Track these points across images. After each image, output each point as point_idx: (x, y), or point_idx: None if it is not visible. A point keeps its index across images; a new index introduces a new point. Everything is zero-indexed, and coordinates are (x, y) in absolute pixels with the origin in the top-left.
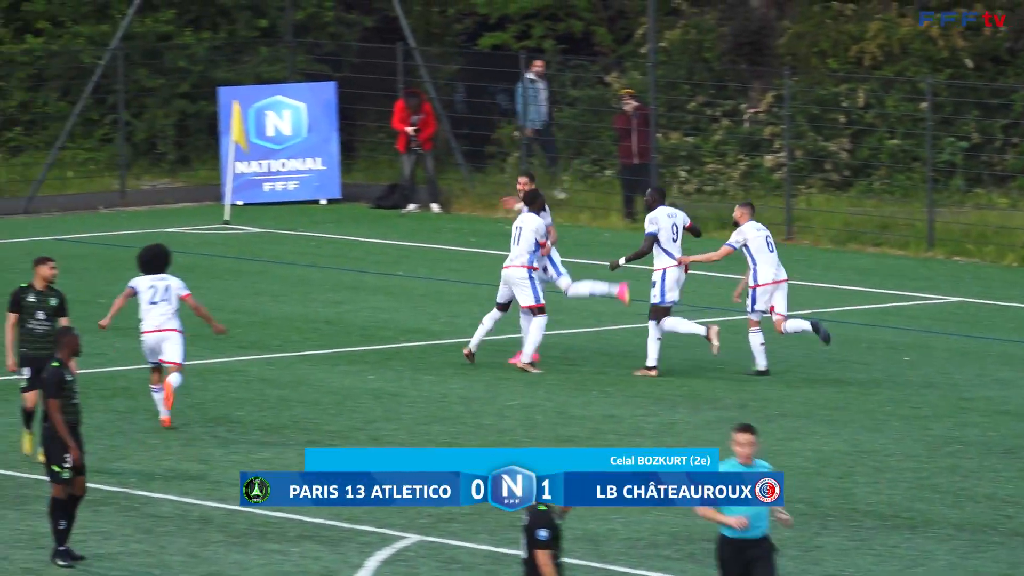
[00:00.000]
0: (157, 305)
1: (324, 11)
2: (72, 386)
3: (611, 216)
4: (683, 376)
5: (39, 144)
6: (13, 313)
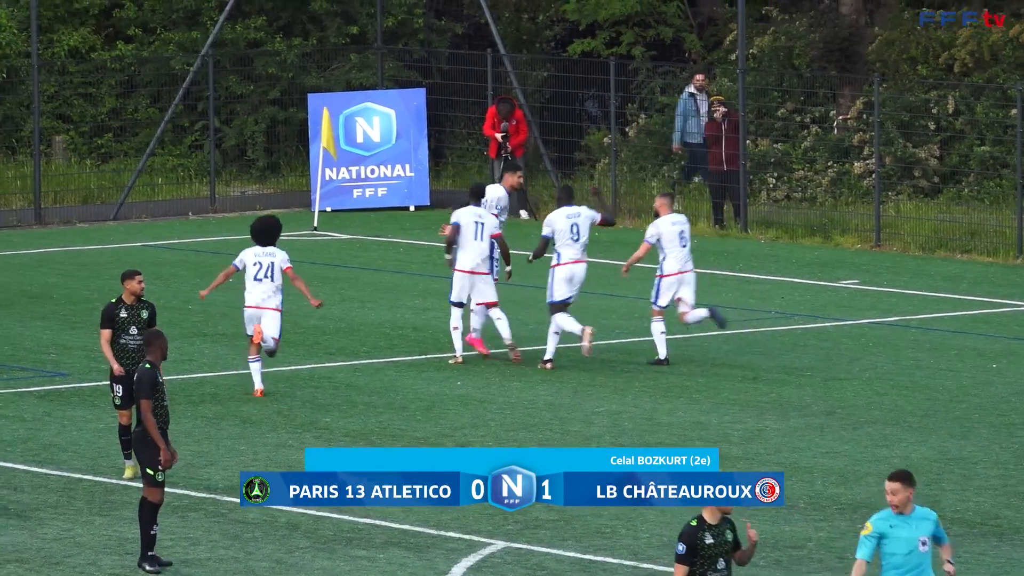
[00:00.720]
0: (260, 282)
1: (414, 18)
2: (163, 388)
3: (699, 223)
4: (771, 383)
5: (129, 151)
6: (107, 329)
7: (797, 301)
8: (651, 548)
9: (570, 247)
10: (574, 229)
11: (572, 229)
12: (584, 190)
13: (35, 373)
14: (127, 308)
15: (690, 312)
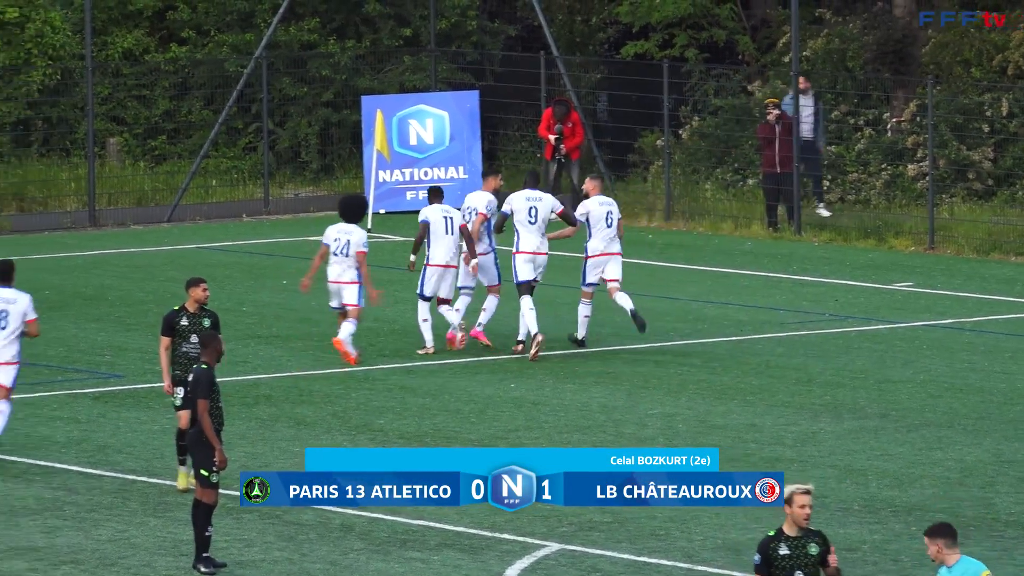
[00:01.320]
0: (337, 257)
1: (468, 20)
2: (218, 390)
3: (753, 225)
4: (825, 386)
5: (183, 153)
6: (167, 337)
7: (851, 303)
8: (705, 550)
9: (527, 229)
10: (532, 212)
11: (530, 212)
12: (636, 190)
13: (90, 375)
14: (189, 316)
15: (619, 292)
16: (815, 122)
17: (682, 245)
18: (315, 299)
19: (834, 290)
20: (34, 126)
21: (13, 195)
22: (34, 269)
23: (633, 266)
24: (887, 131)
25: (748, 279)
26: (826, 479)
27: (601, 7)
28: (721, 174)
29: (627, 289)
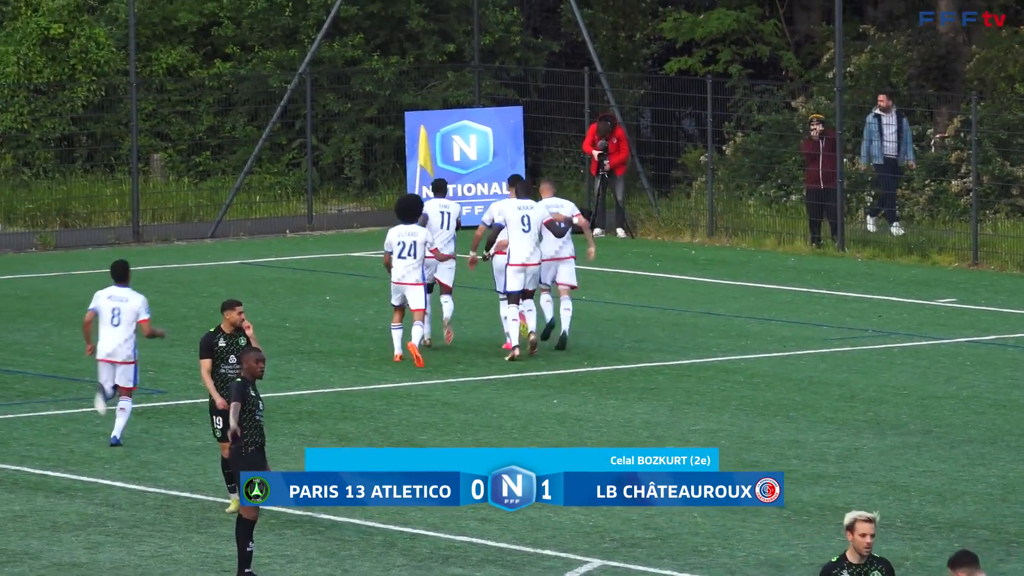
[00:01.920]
0: (404, 260)
1: (511, 36)
2: (255, 402)
3: (796, 241)
4: (868, 402)
5: (227, 168)
6: (206, 360)
7: (894, 319)
8: (748, 567)
9: (521, 239)
10: (525, 220)
11: (523, 220)
12: (679, 206)
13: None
14: (226, 337)
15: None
16: (899, 139)
17: (725, 261)
18: (357, 315)
19: (877, 306)
20: (78, 142)
21: (57, 211)
22: (78, 284)
23: (676, 282)
24: (931, 147)
25: (791, 295)
26: (868, 495)
27: (645, 23)
28: (764, 190)
29: (671, 304)
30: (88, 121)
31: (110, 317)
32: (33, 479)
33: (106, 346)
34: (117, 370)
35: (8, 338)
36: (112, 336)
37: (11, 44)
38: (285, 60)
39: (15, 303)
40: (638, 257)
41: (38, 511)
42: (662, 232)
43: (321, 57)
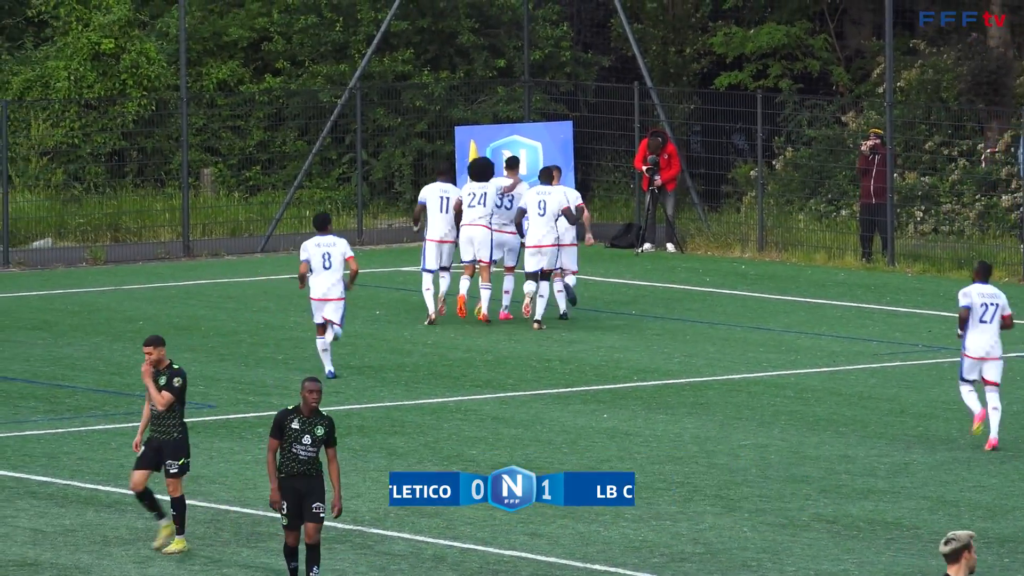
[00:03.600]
0: (474, 208)
1: (561, 51)
2: (295, 435)
3: (846, 256)
4: (918, 417)
5: (277, 183)
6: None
7: (944, 334)
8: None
9: (536, 222)
10: (541, 205)
11: (540, 205)
12: (729, 221)
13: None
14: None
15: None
16: None
17: (775, 276)
18: (407, 330)
19: (927, 321)
20: (129, 157)
21: (108, 225)
22: (128, 299)
23: (725, 297)
24: (981, 162)
25: (841, 310)
26: (919, 510)
27: (695, 38)
28: (814, 205)
29: (721, 319)
30: (139, 136)
31: (321, 262)
32: (83, 494)
33: (320, 287)
34: (328, 306)
35: (59, 353)
36: (326, 278)
37: (62, 59)
38: (335, 75)
39: (66, 318)
40: (688, 272)
41: (88, 526)
42: (712, 247)
43: (371, 72)
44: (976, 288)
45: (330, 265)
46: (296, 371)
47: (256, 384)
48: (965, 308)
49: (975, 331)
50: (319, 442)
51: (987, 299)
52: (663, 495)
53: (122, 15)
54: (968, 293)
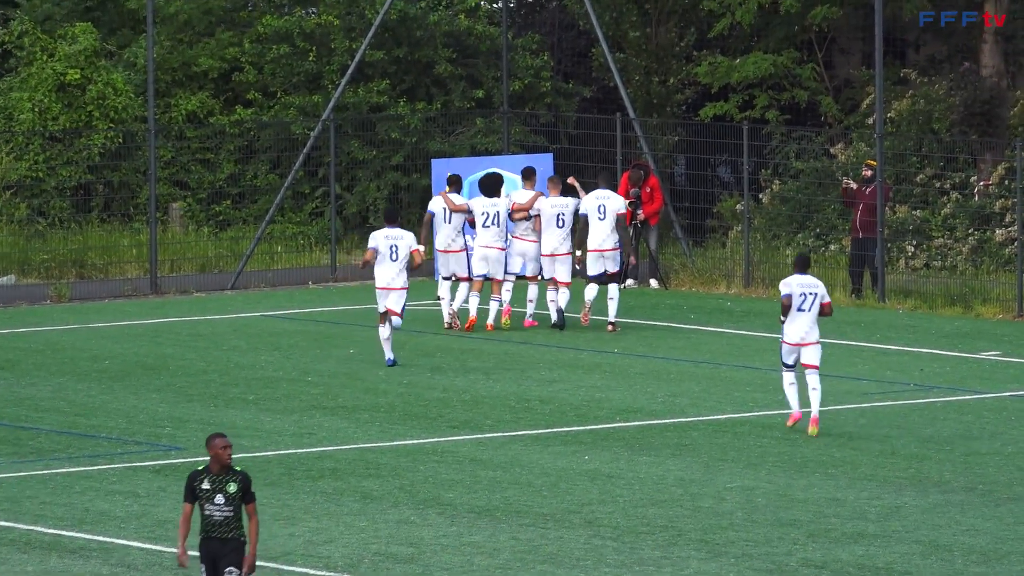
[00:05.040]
0: (488, 228)
1: (541, 81)
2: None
3: (836, 292)
4: (909, 458)
5: (248, 218)
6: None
7: (936, 373)
8: None
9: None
10: (601, 209)
11: (599, 209)
12: (714, 256)
13: (150, 447)
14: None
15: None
16: None
17: (762, 312)
18: (382, 369)
19: (919, 359)
20: (95, 191)
21: (73, 261)
22: (94, 337)
23: (711, 334)
24: (974, 195)
25: (830, 348)
26: (911, 555)
27: (679, 67)
28: (802, 239)
29: (706, 358)
30: (105, 169)
31: (388, 253)
32: (47, 539)
33: (385, 277)
34: (392, 296)
35: (22, 393)
36: (390, 268)
37: (26, 90)
38: (308, 106)
39: (29, 356)
40: (672, 309)
41: (52, 572)
42: (696, 283)
43: (345, 103)
44: (796, 279)
45: (396, 257)
46: (268, 412)
47: (226, 426)
48: (787, 296)
49: (793, 319)
50: (233, 500)
51: (806, 289)
52: (646, 539)
53: (88, 45)
54: (789, 283)
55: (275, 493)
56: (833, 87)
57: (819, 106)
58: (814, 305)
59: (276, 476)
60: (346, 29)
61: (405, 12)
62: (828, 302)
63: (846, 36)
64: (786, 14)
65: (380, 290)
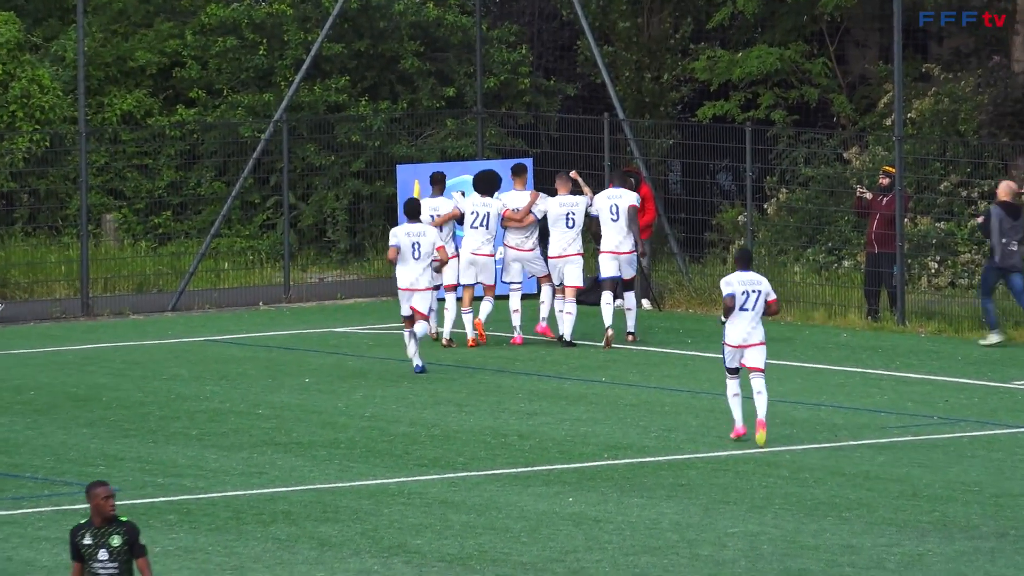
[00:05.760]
0: (476, 230)
1: (519, 78)
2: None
3: (849, 314)
4: (933, 500)
5: (191, 231)
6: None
7: (963, 404)
8: None
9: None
10: (570, 216)
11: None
12: (714, 274)
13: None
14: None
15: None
16: None
17: (767, 337)
18: (341, 400)
19: (943, 389)
20: (19, 200)
21: None
22: (18, 365)
23: (710, 361)
24: None
25: (844, 376)
26: None
27: (674, 62)
28: (812, 255)
29: (705, 388)
30: (30, 176)
31: (411, 251)
32: None
33: (408, 277)
34: (416, 297)
35: None
36: (414, 267)
37: None
38: (258, 106)
39: None
40: (666, 332)
41: None
42: (694, 304)
43: (300, 102)
44: (738, 276)
45: (419, 255)
46: (213, 449)
47: (166, 464)
48: (730, 296)
49: (735, 319)
50: (119, 554)
51: (749, 287)
52: None
53: (10, 37)
54: (730, 282)
55: (221, 540)
56: (847, 84)
57: (831, 105)
58: (758, 303)
59: (223, 521)
60: (301, 19)
61: (367, 0)
62: (774, 299)
63: (861, 27)
64: (794, 2)
65: (403, 291)
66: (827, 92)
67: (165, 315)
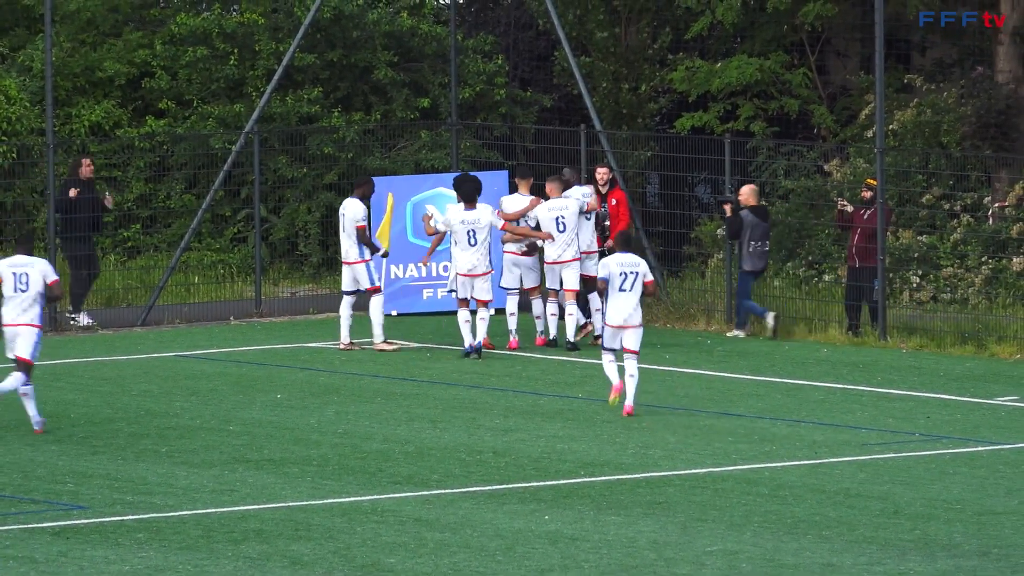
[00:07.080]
0: (466, 251)
1: (495, 89)
2: None
3: (830, 329)
4: (915, 518)
5: (160, 244)
6: None
7: (945, 421)
8: None
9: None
10: (559, 221)
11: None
12: (692, 288)
13: (48, 506)
14: None
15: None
16: None
17: (746, 352)
18: (313, 416)
19: (925, 405)
20: None
21: None
22: None
23: (689, 376)
24: (988, 218)
25: (824, 392)
26: None
27: (652, 73)
28: (792, 268)
29: (683, 404)
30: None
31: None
32: None
33: (466, 262)
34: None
35: None
36: (472, 254)
37: None
38: (229, 117)
39: None
40: (644, 348)
41: None
42: (672, 319)
43: (271, 113)
44: (616, 258)
45: (475, 242)
46: (183, 466)
47: (136, 481)
48: (603, 280)
49: (614, 299)
50: None
51: (627, 268)
52: None
53: None
54: (607, 264)
55: (192, 558)
56: (827, 95)
57: (811, 117)
58: (636, 284)
59: (193, 539)
60: (272, 29)
61: (340, 10)
62: (651, 280)
63: (842, 37)
64: (774, 12)
65: (462, 277)
66: (807, 103)
67: (134, 330)
